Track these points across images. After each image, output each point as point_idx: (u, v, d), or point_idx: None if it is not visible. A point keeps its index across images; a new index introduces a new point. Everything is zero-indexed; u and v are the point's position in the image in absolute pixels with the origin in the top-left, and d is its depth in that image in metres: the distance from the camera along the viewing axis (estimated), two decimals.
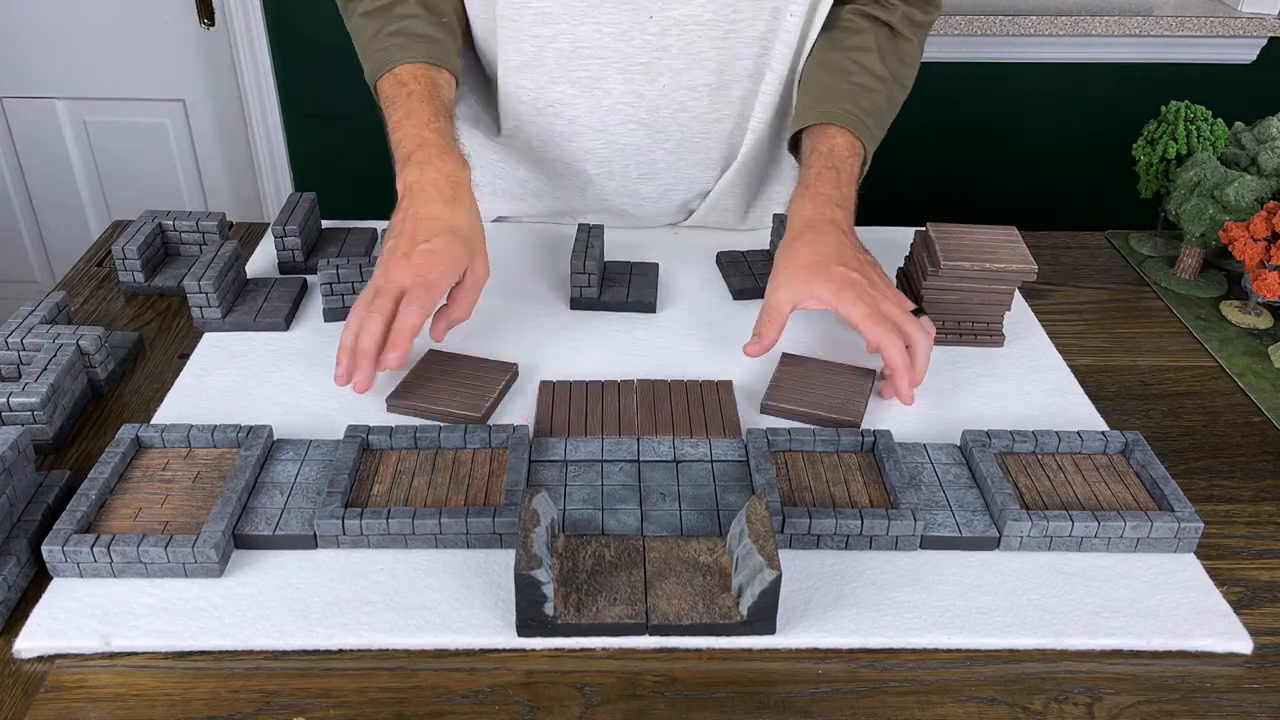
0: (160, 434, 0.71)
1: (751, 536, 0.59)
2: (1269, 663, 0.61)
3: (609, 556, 0.62)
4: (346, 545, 0.65)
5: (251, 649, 0.59)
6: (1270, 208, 0.91)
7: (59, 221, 2.32)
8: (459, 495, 0.68)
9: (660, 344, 0.88)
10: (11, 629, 0.60)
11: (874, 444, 0.72)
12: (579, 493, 0.69)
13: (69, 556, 0.62)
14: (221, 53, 2.11)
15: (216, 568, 0.63)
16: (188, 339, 0.88)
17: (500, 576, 0.64)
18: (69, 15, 2.07)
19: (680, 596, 0.60)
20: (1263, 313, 0.96)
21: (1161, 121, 1.06)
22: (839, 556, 0.66)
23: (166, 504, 0.67)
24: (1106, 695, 0.58)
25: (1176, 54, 2.08)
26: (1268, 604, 0.65)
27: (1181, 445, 0.80)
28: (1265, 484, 0.76)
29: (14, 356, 0.79)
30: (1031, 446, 0.73)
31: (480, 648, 0.60)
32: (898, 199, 2.14)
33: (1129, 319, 0.97)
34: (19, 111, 2.19)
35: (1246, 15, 2.01)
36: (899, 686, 0.59)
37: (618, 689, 0.58)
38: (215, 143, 2.23)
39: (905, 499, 0.67)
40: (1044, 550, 0.67)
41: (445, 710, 0.56)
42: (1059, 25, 1.98)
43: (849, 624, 0.61)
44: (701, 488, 0.70)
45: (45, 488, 0.67)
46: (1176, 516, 0.66)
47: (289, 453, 0.71)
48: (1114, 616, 0.62)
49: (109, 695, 0.57)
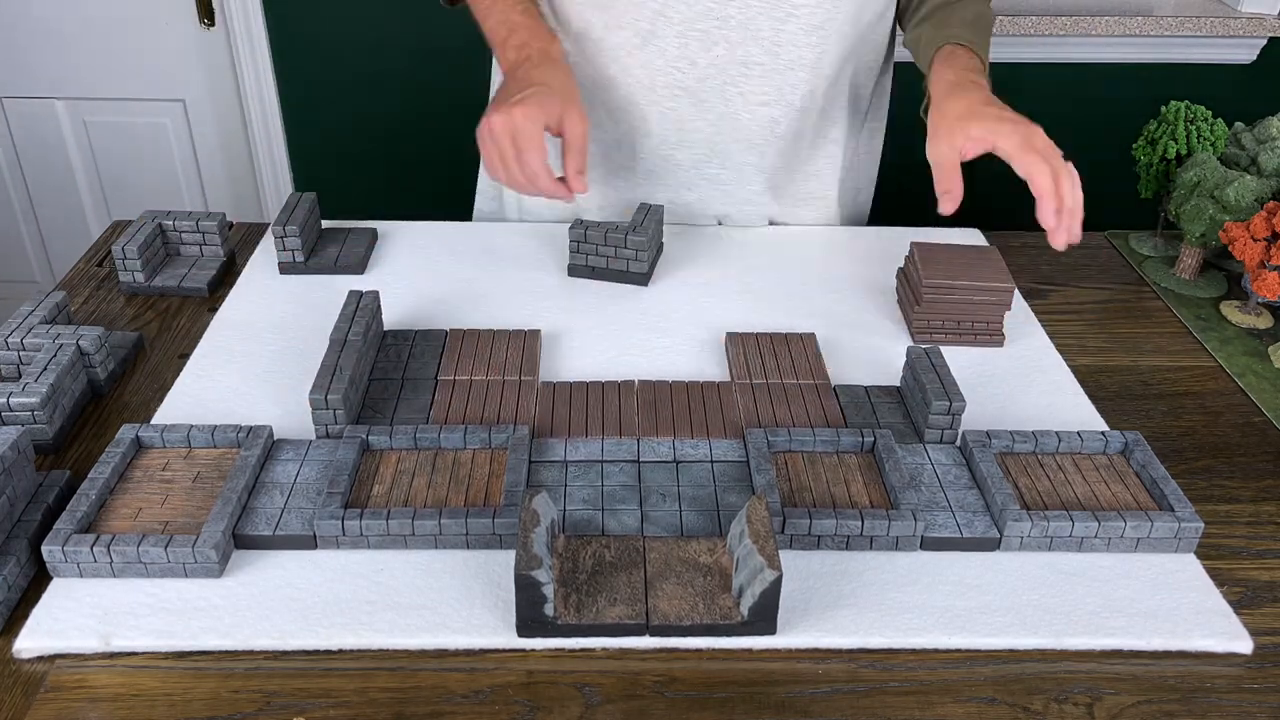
0: (160, 434, 0.71)
1: (752, 537, 0.59)
2: (1269, 663, 0.61)
3: (609, 557, 0.62)
4: (346, 545, 0.65)
5: (251, 649, 0.59)
6: (1270, 208, 0.91)
7: (59, 221, 2.32)
8: (459, 495, 0.68)
9: (661, 344, 0.88)
10: (11, 629, 0.60)
11: (874, 444, 0.72)
12: (579, 493, 0.69)
13: (69, 556, 0.62)
14: (221, 53, 2.11)
15: (216, 568, 0.63)
16: (188, 339, 0.88)
17: (500, 577, 0.64)
18: (69, 15, 2.07)
19: (680, 597, 0.60)
20: (1263, 313, 0.96)
21: (1161, 121, 1.06)
22: (839, 557, 0.66)
23: (166, 504, 0.67)
24: (1106, 695, 0.58)
25: (1176, 54, 2.08)
26: (1268, 604, 0.65)
27: (1181, 445, 0.79)
28: (1265, 484, 0.76)
29: (14, 356, 0.79)
30: (1031, 447, 0.73)
31: (480, 648, 0.60)
32: (898, 198, 2.15)
33: (1129, 319, 0.97)
34: (19, 111, 2.18)
35: (1246, 15, 2.01)
36: (899, 686, 0.59)
37: (618, 689, 0.58)
38: (215, 143, 2.23)
39: (905, 499, 0.67)
40: (1044, 550, 0.67)
41: (445, 710, 0.56)
42: (1059, 25, 1.98)
43: (849, 624, 0.61)
44: (701, 488, 0.70)
45: (45, 488, 0.67)
46: (1176, 516, 0.66)
47: (289, 453, 0.71)
48: (1114, 616, 0.62)
49: (109, 695, 0.57)
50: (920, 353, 0.78)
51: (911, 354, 0.79)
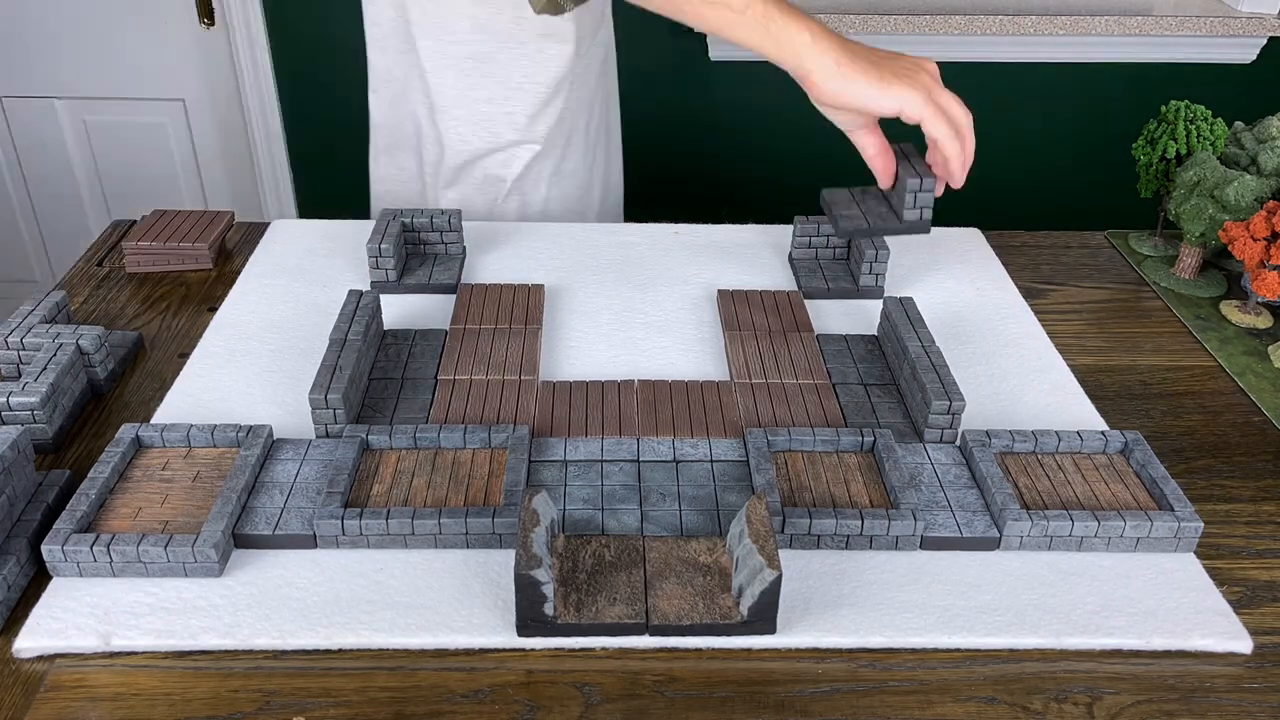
0: (160, 434, 0.71)
1: (752, 536, 0.59)
2: (1269, 662, 0.61)
3: (609, 556, 0.62)
4: (346, 545, 0.65)
5: (251, 649, 0.59)
6: (1270, 207, 0.91)
7: (59, 221, 2.32)
8: (459, 495, 0.68)
9: (661, 344, 0.88)
10: (11, 629, 0.60)
11: (874, 444, 0.72)
12: (579, 493, 0.69)
13: (69, 556, 0.62)
14: (221, 52, 2.11)
15: (216, 567, 0.63)
16: (188, 339, 0.88)
17: (500, 576, 0.64)
18: (69, 15, 2.07)
19: (680, 596, 0.60)
20: (1262, 312, 0.96)
21: (1161, 121, 1.06)
22: (839, 556, 0.66)
23: (166, 504, 0.67)
24: (1106, 695, 0.58)
25: (1176, 54, 2.08)
26: (1268, 604, 0.65)
27: (1181, 445, 0.80)
28: (1265, 484, 0.76)
29: (14, 356, 0.79)
30: (1031, 446, 0.73)
31: (480, 647, 0.60)
32: None
33: (1129, 319, 0.97)
34: (19, 111, 2.19)
35: (1246, 15, 2.01)
36: (899, 686, 0.59)
37: (618, 689, 0.58)
38: (215, 142, 2.23)
39: (905, 499, 0.67)
40: (1044, 550, 0.67)
41: (445, 710, 0.56)
42: (1059, 25, 1.98)
43: (849, 624, 0.61)
44: (701, 488, 0.70)
45: (45, 487, 0.67)
46: (1176, 516, 0.66)
47: (289, 452, 0.71)
48: (1114, 616, 0.62)
49: (109, 695, 0.57)
50: (919, 349, 0.78)
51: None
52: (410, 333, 0.87)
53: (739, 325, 0.89)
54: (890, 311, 0.84)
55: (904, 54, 0.79)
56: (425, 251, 0.99)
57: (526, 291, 0.92)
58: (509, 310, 0.90)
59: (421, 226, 0.97)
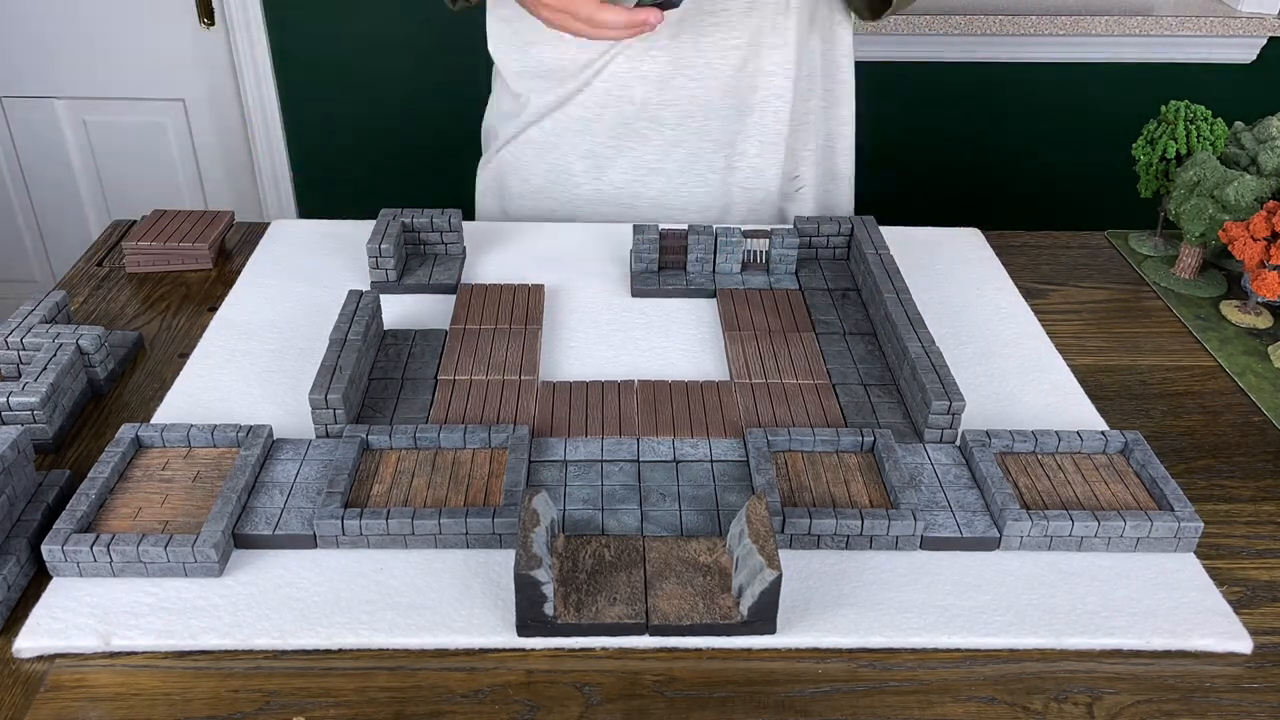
0: (160, 434, 0.71)
1: (751, 536, 0.59)
2: (1269, 662, 0.61)
3: (609, 556, 0.62)
4: (346, 545, 0.65)
5: (251, 649, 0.59)
6: (1270, 207, 0.91)
7: (59, 221, 2.32)
8: (459, 495, 0.68)
9: (660, 344, 0.88)
10: (11, 629, 0.60)
11: (874, 444, 0.72)
12: (579, 493, 0.69)
13: (69, 556, 0.62)
14: (221, 53, 2.11)
15: (216, 567, 0.63)
16: (188, 339, 0.88)
17: (500, 576, 0.64)
18: (68, 15, 2.07)
19: (680, 596, 0.60)
20: (1262, 312, 0.96)
21: (1161, 121, 1.06)
22: (839, 556, 0.66)
23: (166, 504, 0.67)
24: (1106, 695, 0.58)
25: (1176, 54, 2.08)
26: (1268, 604, 0.65)
27: (1181, 445, 0.80)
28: (1265, 484, 0.76)
29: (14, 356, 0.79)
30: (1031, 446, 0.73)
31: (480, 647, 0.60)
32: (898, 197, 2.15)
33: (1129, 319, 0.97)
34: (19, 111, 2.19)
35: (1246, 15, 2.01)
36: (899, 686, 0.59)
37: (618, 689, 0.58)
38: (215, 142, 2.23)
39: (905, 499, 0.67)
40: (1044, 550, 0.67)
41: (445, 710, 0.56)
42: (1059, 25, 1.98)
43: (849, 624, 0.61)
44: (701, 488, 0.70)
45: (45, 487, 0.67)
46: (1176, 516, 0.66)
47: (289, 452, 0.71)
48: (1114, 616, 0.62)
49: (109, 695, 0.57)
50: (919, 349, 0.78)
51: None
52: (410, 333, 0.87)
53: (739, 325, 0.89)
54: (890, 310, 0.84)
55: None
56: (425, 251, 0.99)
57: (526, 291, 0.92)
58: (509, 310, 0.90)
59: (421, 227, 0.97)
